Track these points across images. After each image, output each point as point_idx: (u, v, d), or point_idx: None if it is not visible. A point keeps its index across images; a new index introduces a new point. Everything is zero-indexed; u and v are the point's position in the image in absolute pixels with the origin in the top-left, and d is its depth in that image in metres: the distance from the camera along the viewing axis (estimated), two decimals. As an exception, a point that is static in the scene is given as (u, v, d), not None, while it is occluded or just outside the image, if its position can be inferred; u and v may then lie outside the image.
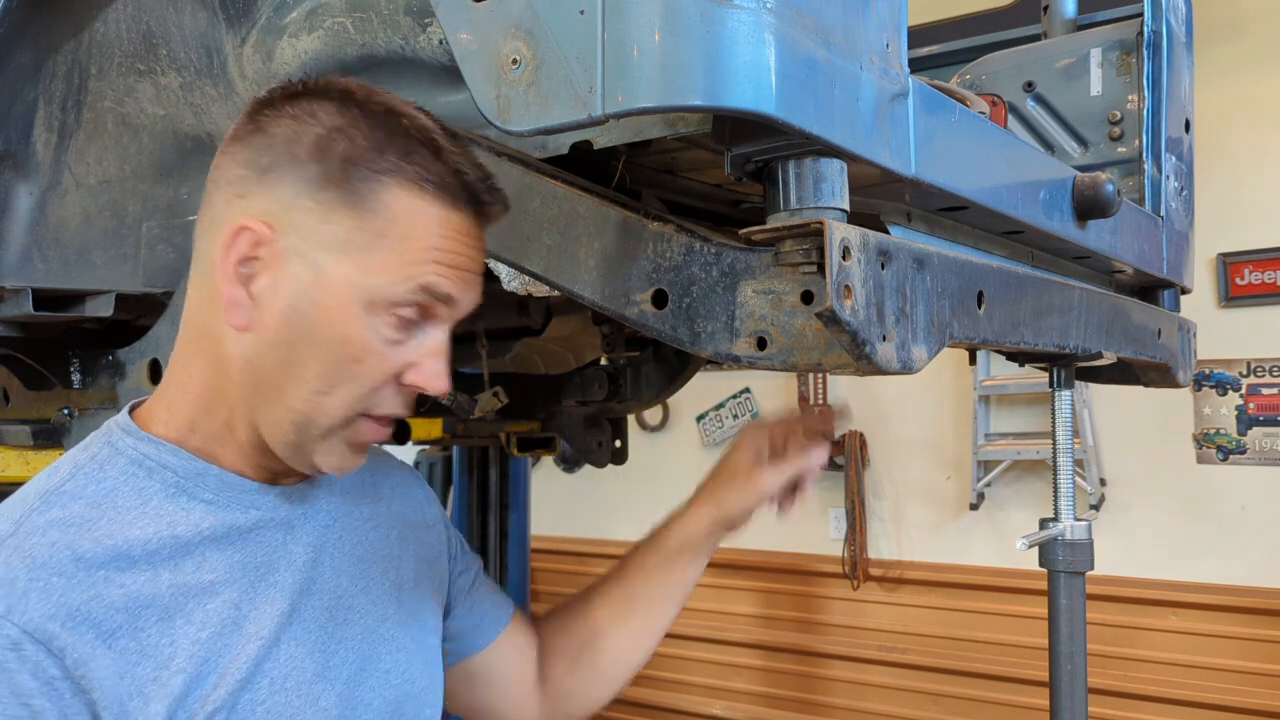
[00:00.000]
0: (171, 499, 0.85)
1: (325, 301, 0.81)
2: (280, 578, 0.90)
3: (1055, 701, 1.72)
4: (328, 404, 0.84)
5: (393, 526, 1.06)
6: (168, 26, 1.22)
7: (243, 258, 0.82)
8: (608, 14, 0.66)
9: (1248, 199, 3.49)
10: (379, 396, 0.85)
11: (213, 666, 0.81)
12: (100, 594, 0.77)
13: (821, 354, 0.76)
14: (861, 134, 0.77)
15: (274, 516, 0.91)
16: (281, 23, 1.09)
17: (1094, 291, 1.34)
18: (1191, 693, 3.51)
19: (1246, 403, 3.53)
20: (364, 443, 0.88)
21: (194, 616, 0.82)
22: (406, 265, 0.81)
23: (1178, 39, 1.73)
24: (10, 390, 1.63)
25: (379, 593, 1.00)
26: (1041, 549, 1.74)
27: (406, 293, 0.82)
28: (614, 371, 2.10)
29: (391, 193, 0.81)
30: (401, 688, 0.98)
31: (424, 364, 0.85)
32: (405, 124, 0.83)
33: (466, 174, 0.84)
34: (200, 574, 0.84)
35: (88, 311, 1.36)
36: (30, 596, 0.75)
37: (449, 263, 0.83)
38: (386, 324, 0.82)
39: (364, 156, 0.81)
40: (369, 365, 0.83)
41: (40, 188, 1.31)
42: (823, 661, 4.26)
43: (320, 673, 0.90)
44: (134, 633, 0.78)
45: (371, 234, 0.81)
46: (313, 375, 0.83)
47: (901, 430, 4.14)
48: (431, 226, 0.82)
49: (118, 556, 0.80)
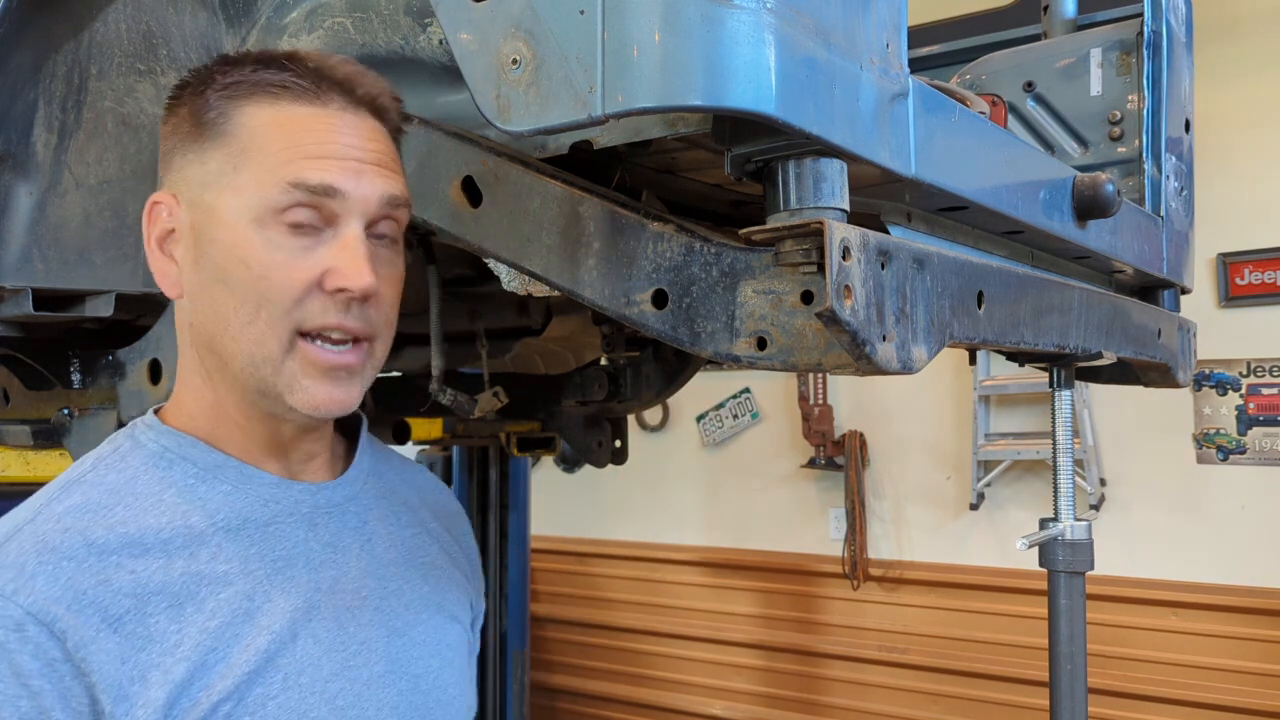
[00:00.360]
0: (190, 490, 0.86)
1: (219, 235, 0.83)
2: (297, 573, 0.88)
3: (1055, 701, 1.72)
4: (256, 332, 0.83)
5: (434, 540, 1.05)
6: (168, 26, 1.22)
7: (163, 232, 0.87)
8: (608, 14, 0.66)
9: (1248, 199, 3.49)
10: (304, 310, 0.82)
11: (220, 656, 0.81)
12: (109, 579, 0.78)
13: (821, 354, 0.76)
14: (861, 134, 0.77)
15: (294, 512, 0.90)
16: (281, 23, 1.09)
17: (1094, 291, 1.34)
18: (1191, 693, 3.51)
19: (1246, 403, 3.53)
20: (322, 367, 0.84)
21: (205, 605, 0.82)
22: (272, 169, 0.81)
23: (1178, 39, 1.73)
24: (10, 390, 1.63)
25: (412, 597, 0.97)
26: (1041, 549, 1.74)
27: (279, 194, 0.81)
28: (614, 371, 2.10)
29: (245, 112, 0.83)
30: (432, 694, 0.96)
31: (337, 264, 0.82)
32: (257, 55, 0.85)
33: (328, 72, 0.84)
34: (215, 564, 0.84)
35: (88, 311, 1.36)
36: (38, 579, 0.76)
37: (315, 154, 0.81)
38: (280, 233, 0.82)
39: (219, 94, 0.83)
40: (276, 280, 0.82)
41: (40, 188, 1.31)
42: (823, 661, 4.26)
43: (339, 671, 0.88)
44: (141, 618, 0.78)
45: (237, 156, 0.82)
46: (233, 310, 0.83)
47: (901, 430, 4.14)
48: (288, 126, 0.82)
49: (130, 544, 0.81)
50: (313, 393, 0.84)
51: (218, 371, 0.87)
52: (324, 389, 0.85)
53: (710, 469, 4.58)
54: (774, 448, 4.41)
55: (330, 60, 0.86)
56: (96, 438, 1.45)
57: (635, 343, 2.04)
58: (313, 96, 0.83)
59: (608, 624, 4.73)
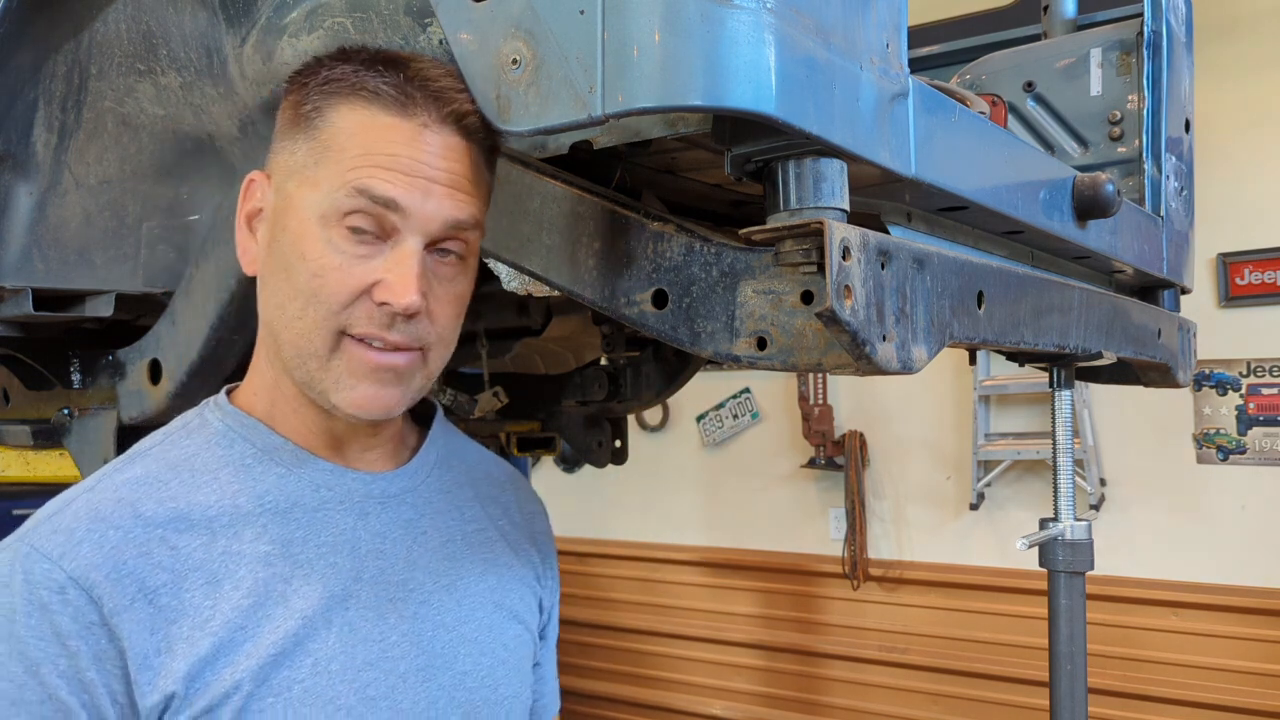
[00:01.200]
0: (246, 470, 0.88)
1: (289, 224, 0.84)
2: (340, 560, 0.88)
3: (1055, 701, 1.72)
4: (305, 326, 0.83)
5: (502, 537, 1.03)
6: (168, 26, 1.22)
7: (253, 209, 0.89)
8: (608, 14, 0.66)
9: (1248, 199, 3.49)
10: (351, 314, 0.83)
11: (248, 635, 0.81)
12: (150, 552, 0.81)
13: (821, 354, 0.76)
14: (861, 134, 0.77)
15: (345, 500, 0.91)
16: (282, 23, 1.09)
17: (1094, 291, 1.34)
18: (1191, 693, 3.51)
19: (1246, 403, 3.53)
20: (369, 367, 0.84)
21: (242, 584, 0.83)
22: (344, 171, 0.81)
23: (1178, 39, 1.73)
24: (10, 390, 1.63)
25: (466, 593, 0.96)
26: (1041, 549, 1.74)
27: (345, 198, 0.81)
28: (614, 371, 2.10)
29: (336, 110, 0.83)
30: (479, 692, 0.94)
31: (388, 277, 0.82)
32: (369, 54, 0.84)
33: (425, 83, 0.82)
34: (257, 544, 0.85)
35: (88, 311, 1.36)
36: (84, 546, 0.79)
37: (386, 165, 0.81)
38: (341, 236, 0.82)
39: (319, 89, 0.84)
40: (330, 280, 0.82)
41: (40, 188, 1.31)
42: (823, 661, 4.26)
43: (374, 661, 0.87)
44: (177, 592, 0.80)
45: (319, 152, 0.83)
46: (289, 300, 0.84)
47: (901, 430, 4.14)
48: (369, 133, 0.82)
49: (177, 518, 0.83)
50: (358, 392, 0.85)
51: (276, 356, 0.89)
52: (368, 389, 0.85)
53: (710, 469, 4.58)
54: (774, 448, 4.41)
55: (434, 71, 0.83)
56: (96, 438, 1.45)
57: (635, 343, 2.04)
58: (400, 107, 0.82)
59: (608, 624, 4.73)
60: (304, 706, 0.82)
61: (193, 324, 1.28)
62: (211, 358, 1.28)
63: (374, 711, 0.86)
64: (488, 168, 0.88)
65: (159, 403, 1.36)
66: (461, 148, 0.84)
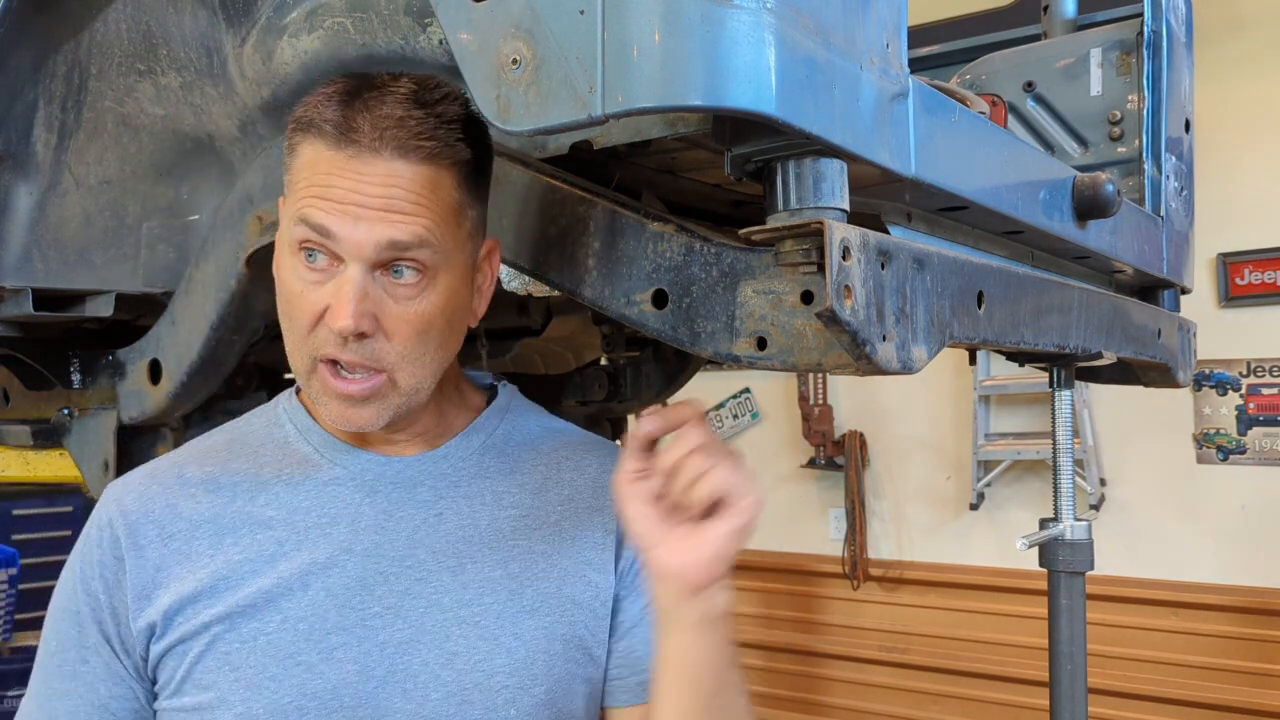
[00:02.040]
0: (284, 447, 0.98)
1: (280, 252, 0.92)
2: (337, 531, 0.93)
3: (1055, 701, 1.72)
4: (290, 348, 0.91)
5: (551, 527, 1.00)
6: (168, 26, 1.22)
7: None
8: (608, 14, 0.66)
9: (1247, 199, 3.49)
10: (315, 338, 0.88)
11: (230, 585, 0.90)
12: (177, 504, 0.94)
13: (821, 354, 0.76)
14: (861, 134, 0.77)
15: (357, 478, 0.96)
16: (281, 23, 1.09)
17: (1094, 291, 1.34)
18: (1191, 693, 3.51)
19: (1246, 403, 3.53)
20: (333, 393, 0.89)
21: (241, 540, 0.92)
22: (295, 203, 0.88)
23: (1178, 39, 1.73)
24: (10, 390, 1.63)
25: (475, 577, 0.95)
26: (1041, 549, 1.74)
27: (295, 228, 0.87)
28: (614, 371, 2.10)
29: (299, 146, 0.89)
30: (472, 676, 0.92)
31: (331, 302, 0.87)
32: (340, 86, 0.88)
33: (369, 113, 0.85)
34: (265, 509, 0.94)
35: (88, 311, 1.36)
36: (130, 495, 0.95)
37: (321, 195, 0.85)
38: (300, 264, 0.88)
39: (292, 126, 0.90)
40: (296, 306, 0.89)
41: (40, 188, 1.31)
42: (823, 661, 4.27)
43: (347, 627, 0.90)
44: (189, 539, 0.92)
45: (289, 185, 0.90)
46: (282, 321, 0.92)
47: (901, 430, 4.14)
48: (313, 165, 0.87)
49: (209, 481, 0.96)
50: (334, 411, 0.91)
51: None
52: (342, 409, 0.91)
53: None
54: (774, 448, 4.41)
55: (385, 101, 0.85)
56: (96, 438, 1.45)
57: (635, 343, 2.04)
58: (336, 141, 0.86)
59: (608, 624, 4.73)
60: (265, 656, 0.88)
61: (193, 324, 1.29)
62: (211, 358, 1.28)
63: (338, 671, 0.89)
64: (458, 186, 0.89)
65: (159, 403, 1.36)
66: (406, 171, 0.85)
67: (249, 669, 0.88)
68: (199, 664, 0.89)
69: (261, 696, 0.87)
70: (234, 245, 1.22)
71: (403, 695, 0.90)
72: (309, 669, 0.88)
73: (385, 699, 0.90)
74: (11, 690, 3.97)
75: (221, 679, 0.88)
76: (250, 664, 0.88)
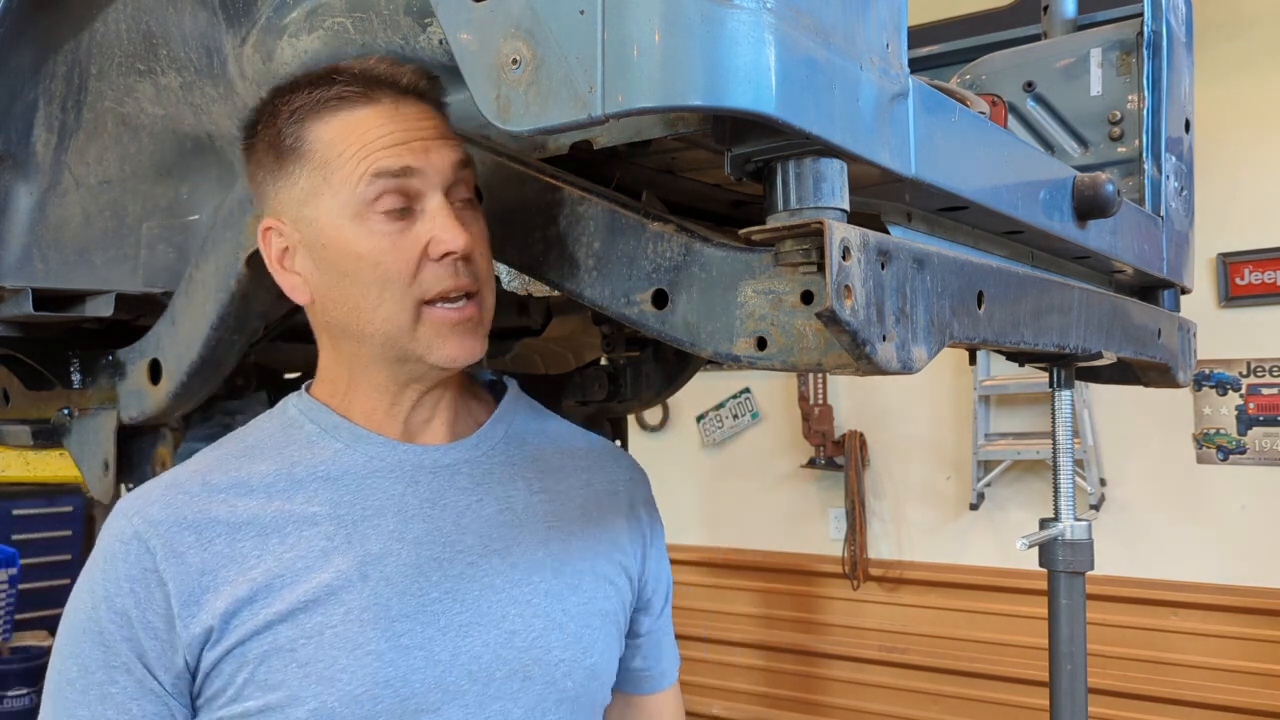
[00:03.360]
0: (309, 445, 0.98)
1: (327, 239, 0.92)
2: (385, 521, 0.94)
3: (1055, 701, 1.72)
4: (387, 311, 0.92)
5: (580, 511, 1.06)
6: (168, 26, 1.22)
7: (279, 251, 0.97)
8: (608, 14, 0.66)
9: (1247, 199, 3.49)
10: (421, 282, 0.91)
11: (286, 583, 0.90)
12: (210, 509, 0.92)
13: (821, 354, 0.76)
14: (861, 134, 0.77)
15: (395, 469, 0.97)
16: (281, 23, 1.09)
17: (1094, 291, 1.34)
18: (1191, 693, 3.51)
19: (1246, 403, 3.53)
20: (451, 324, 0.92)
21: (288, 538, 0.92)
22: (354, 169, 0.90)
23: (1178, 39, 1.73)
24: (10, 390, 1.63)
25: (521, 558, 0.99)
26: (1041, 549, 1.74)
27: (366, 188, 0.90)
28: (614, 371, 2.10)
29: (313, 130, 0.92)
30: (529, 653, 0.97)
31: (435, 231, 0.90)
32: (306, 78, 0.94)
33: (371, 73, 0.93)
34: (307, 506, 0.94)
35: (88, 311, 1.36)
36: (154, 506, 0.92)
37: (384, 144, 0.90)
38: (378, 222, 0.90)
39: (288, 122, 0.93)
40: (389, 262, 0.90)
41: (40, 188, 1.31)
42: (823, 661, 4.27)
43: (410, 614, 0.92)
44: (231, 542, 0.91)
45: (321, 168, 0.92)
46: (360, 298, 0.92)
47: (901, 430, 4.14)
48: (356, 130, 0.91)
49: (238, 485, 0.94)
50: (449, 347, 0.93)
51: (356, 354, 0.97)
52: (456, 342, 0.93)
53: (710, 469, 4.58)
54: (774, 448, 4.41)
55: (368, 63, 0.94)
56: (96, 438, 1.45)
57: (635, 343, 2.04)
58: (365, 99, 0.92)
59: (608, 624, 4.73)
60: (333, 649, 0.88)
61: (193, 324, 1.28)
62: (211, 358, 1.28)
63: (405, 657, 0.90)
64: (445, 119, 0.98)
65: (159, 403, 1.36)
66: (425, 109, 0.94)
67: (319, 663, 0.88)
68: (263, 665, 0.88)
69: (335, 689, 0.87)
70: (234, 245, 1.22)
71: (469, 677, 0.93)
72: (378, 657, 0.89)
73: (453, 681, 0.92)
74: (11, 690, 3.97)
75: (290, 676, 0.87)
76: (320, 658, 0.88)
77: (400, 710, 0.89)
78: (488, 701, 0.94)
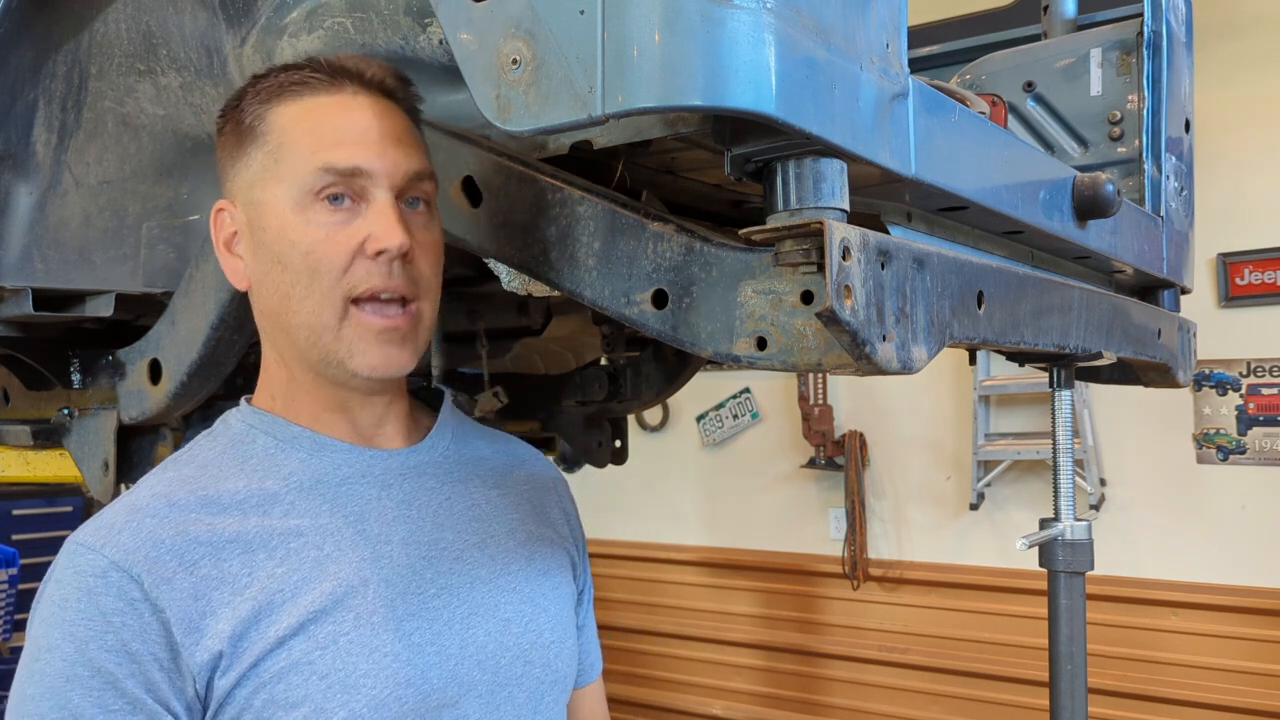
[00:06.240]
0: (270, 458, 0.95)
1: (269, 223, 0.91)
2: (368, 526, 0.94)
3: (1055, 701, 1.72)
4: (313, 304, 0.90)
5: (528, 503, 1.10)
6: (168, 26, 1.22)
7: (228, 235, 0.96)
8: (608, 14, 0.66)
9: (1248, 199, 3.49)
10: (351, 277, 0.89)
11: (287, 597, 0.87)
12: (186, 530, 0.88)
13: (821, 354, 0.76)
14: (861, 134, 0.77)
15: (366, 474, 0.97)
16: (281, 23, 1.09)
17: (1094, 291, 1.34)
18: (1191, 693, 3.51)
19: (1246, 403, 3.53)
20: (375, 330, 0.91)
21: (276, 553, 0.89)
22: (305, 158, 0.89)
23: (1178, 39, 1.73)
24: (10, 390, 1.63)
25: (498, 550, 1.02)
26: (1041, 549, 1.74)
27: (313, 179, 0.89)
28: (614, 371, 2.10)
29: (276, 112, 0.92)
30: (526, 637, 1.00)
31: (374, 229, 0.89)
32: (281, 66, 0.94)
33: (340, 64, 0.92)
34: (287, 519, 0.91)
35: (88, 311, 1.36)
36: (123, 534, 0.86)
37: (338, 139, 0.89)
38: (319, 212, 0.89)
39: (252, 102, 0.93)
40: (323, 253, 0.89)
41: (40, 188, 1.31)
42: (823, 661, 4.26)
43: (415, 612, 0.92)
44: (216, 562, 0.87)
45: (274, 151, 0.91)
46: (291, 286, 0.90)
47: (901, 430, 4.14)
48: (313, 117, 0.91)
49: (209, 503, 0.90)
50: (370, 355, 0.91)
51: (287, 349, 0.95)
52: (379, 350, 0.91)
53: (710, 469, 4.58)
54: (774, 448, 4.41)
55: (342, 56, 0.94)
56: (96, 438, 1.45)
57: (635, 343, 2.04)
58: (329, 86, 0.91)
59: (607, 624, 4.73)
60: (351, 656, 0.87)
61: (193, 324, 1.28)
62: (211, 358, 1.28)
63: (420, 655, 0.91)
64: (417, 126, 0.96)
65: (159, 403, 1.36)
66: (392, 108, 0.93)
67: (339, 671, 0.86)
68: (281, 682, 0.84)
69: (359, 695, 0.86)
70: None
71: (479, 667, 0.95)
72: (395, 658, 0.89)
73: (466, 673, 0.94)
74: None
75: (313, 689, 0.85)
76: (339, 666, 0.86)
77: (424, 707, 0.90)
78: (497, 689, 0.96)
